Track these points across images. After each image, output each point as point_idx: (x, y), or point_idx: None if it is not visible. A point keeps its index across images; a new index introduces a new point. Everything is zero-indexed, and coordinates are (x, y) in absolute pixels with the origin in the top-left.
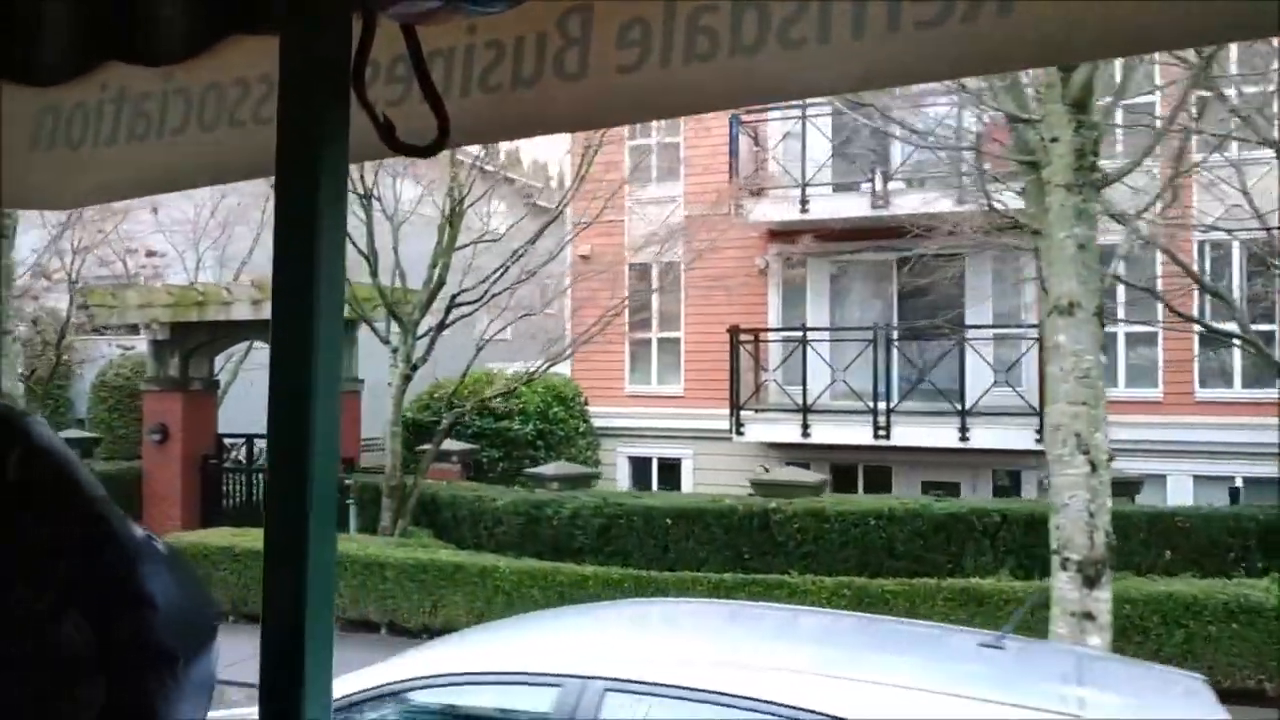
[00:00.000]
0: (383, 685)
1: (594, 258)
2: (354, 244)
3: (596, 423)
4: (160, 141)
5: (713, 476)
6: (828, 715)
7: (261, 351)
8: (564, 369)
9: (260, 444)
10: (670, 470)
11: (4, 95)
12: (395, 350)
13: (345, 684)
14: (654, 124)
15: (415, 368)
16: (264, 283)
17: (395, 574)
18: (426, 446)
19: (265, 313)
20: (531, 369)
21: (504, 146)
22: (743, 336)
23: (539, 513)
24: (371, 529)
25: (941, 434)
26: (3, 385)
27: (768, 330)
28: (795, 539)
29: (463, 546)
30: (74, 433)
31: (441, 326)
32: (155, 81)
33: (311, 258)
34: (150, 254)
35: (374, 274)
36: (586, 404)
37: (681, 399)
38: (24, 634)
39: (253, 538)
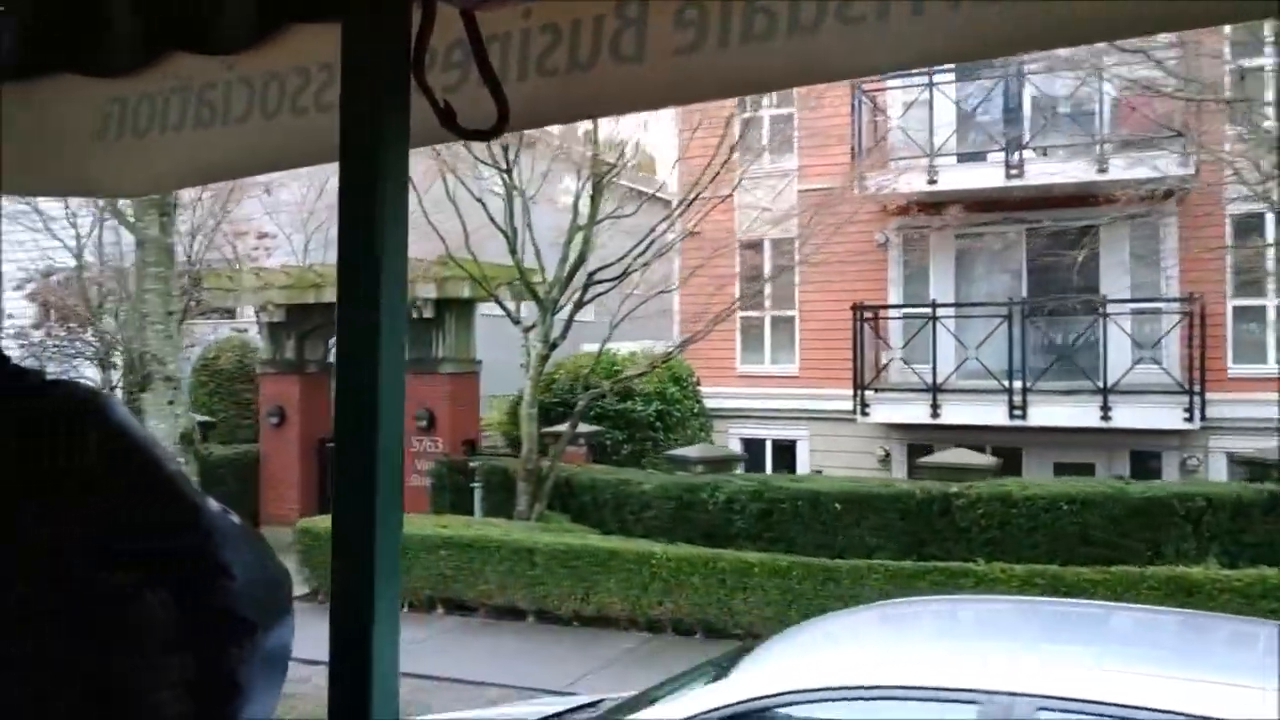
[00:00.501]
0: (737, 703)
1: (704, 235)
2: (492, 221)
3: (708, 404)
4: (224, 130)
5: (832, 459)
6: None
7: None
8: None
9: None
10: (785, 452)
11: (72, 87)
12: (527, 330)
13: (680, 706)
14: (766, 96)
15: (553, 347)
16: None
17: (544, 560)
18: (555, 429)
19: None
20: (632, 348)
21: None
22: (866, 314)
23: (692, 497)
24: (499, 513)
25: (1081, 413)
26: (171, 370)
27: (892, 307)
28: (979, 524)
29: (605, 531)
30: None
31: (580, 305)
32: (218, 71)
33: (375, 242)
34: (261, 236)
35: (513, 251)
36: (699, 384)
37: (796, 379)
38: (109, 611)
39: None
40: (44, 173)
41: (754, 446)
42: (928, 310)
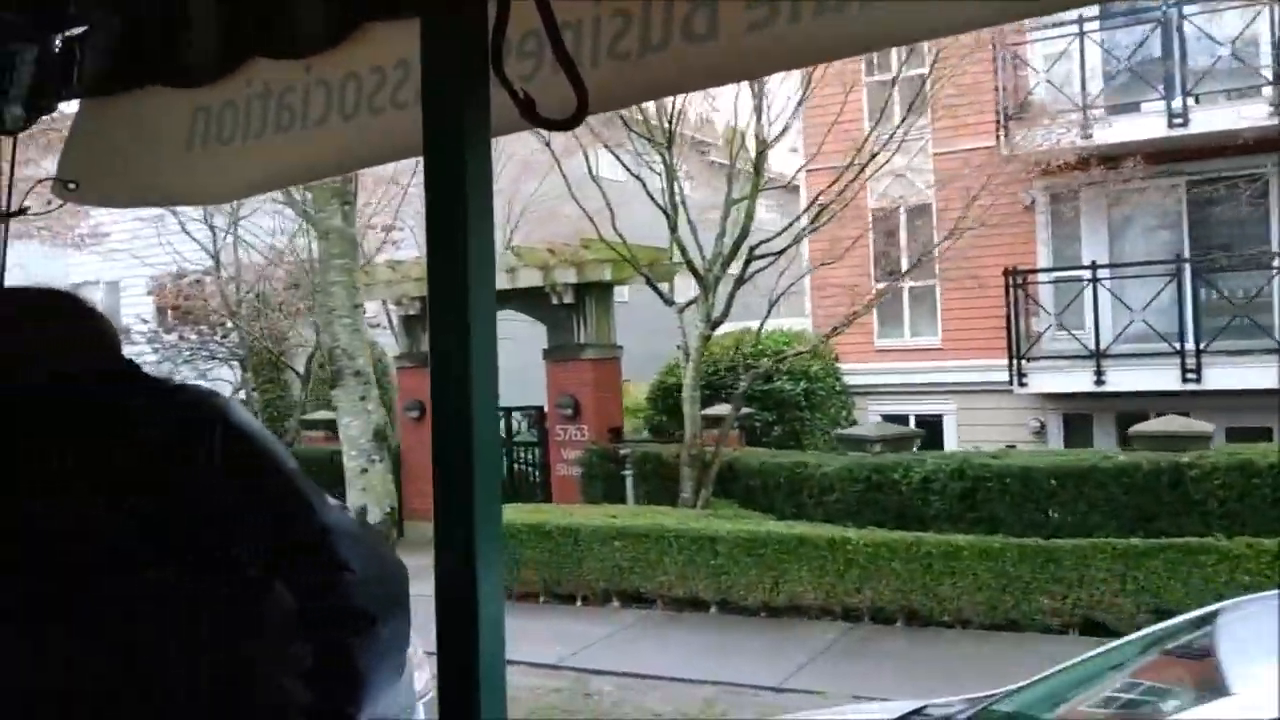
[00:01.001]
0: None
1: (833, 205)
2: (651, 198)
3: (846, 380)
4: (304, 132)
5: (982, 433)
6: None
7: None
8: (803, 324)
9: (517, 416)
10: (929, 427)
11: (158, 98)
12: (682, 310)
13: None
14: (895, 57)
15: (716, 325)
16: (523, 249)
17: (728, 548)
18: (705, 412)
19: (521, 281)
20: (774, 326)
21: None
22: (1019, 279)
23: (881, 478)
24: (654, 501)
25: (1259, 374)
26: (361, 364)
27: (1043, 271)
28: (1215, 497)
29: (780, 517)
30: (324, 414)
31: (741, 281)
32: (296, 74)
33: (462, 234)
34: (387, 229)
35: (673, 228)
36: (837, 360)
37: (939, 351)
38: (236, 604)
39: (544, 514)
40: (132, 183)
41: (896, 424)
42: (1085, 272)
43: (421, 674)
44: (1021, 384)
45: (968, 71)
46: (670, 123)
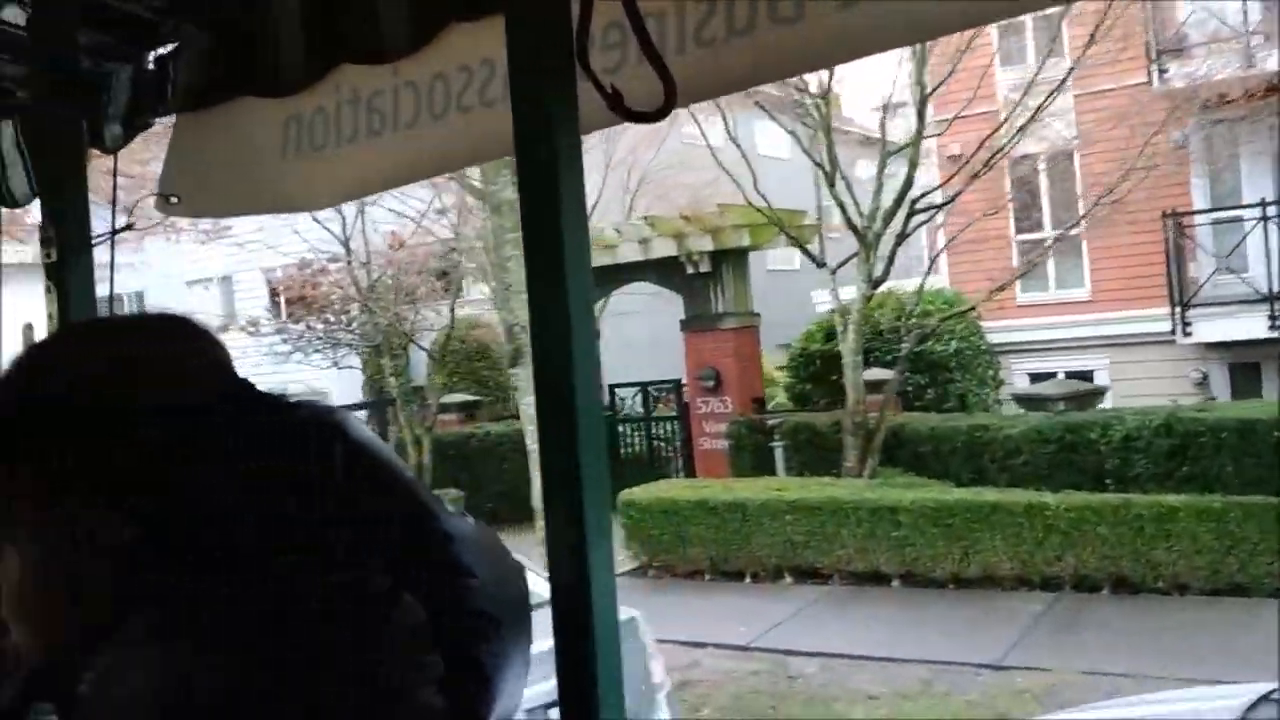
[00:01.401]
0: None
1: (965, 155)
2: (809, 157)
3: (989, 339)
4: (395, 135)
5: (1140, 387)
6: None
7: (620, 298)
8: (938, 280)
9: (653, 391)
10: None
11: (250, 109)
12: (834, 271)
13: None
14: None
15: (876, 285)
16: (656, 219)
17: (912, 519)
18: (868, 377)
19: (655, 251)
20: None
21: None
22: (1177, 222)
23: (1076, 438)
24: (810, 472)
25: None
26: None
27: (1201, 212)
28: None
29: (958, 483)
30: (459, 396)
31: (902, 237)
32: (385, 78)
33: (557, 229)
34: None
35: (831, 184)
36: (980, 319)
37: (1088, 304)
38: (367, 616)
39: (707, 489)
40: (230, 194)
41: (1044, 381)
42: (1252, 211)
43: (658, 664)
44: (1186, 333)
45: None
46: (829, 76)
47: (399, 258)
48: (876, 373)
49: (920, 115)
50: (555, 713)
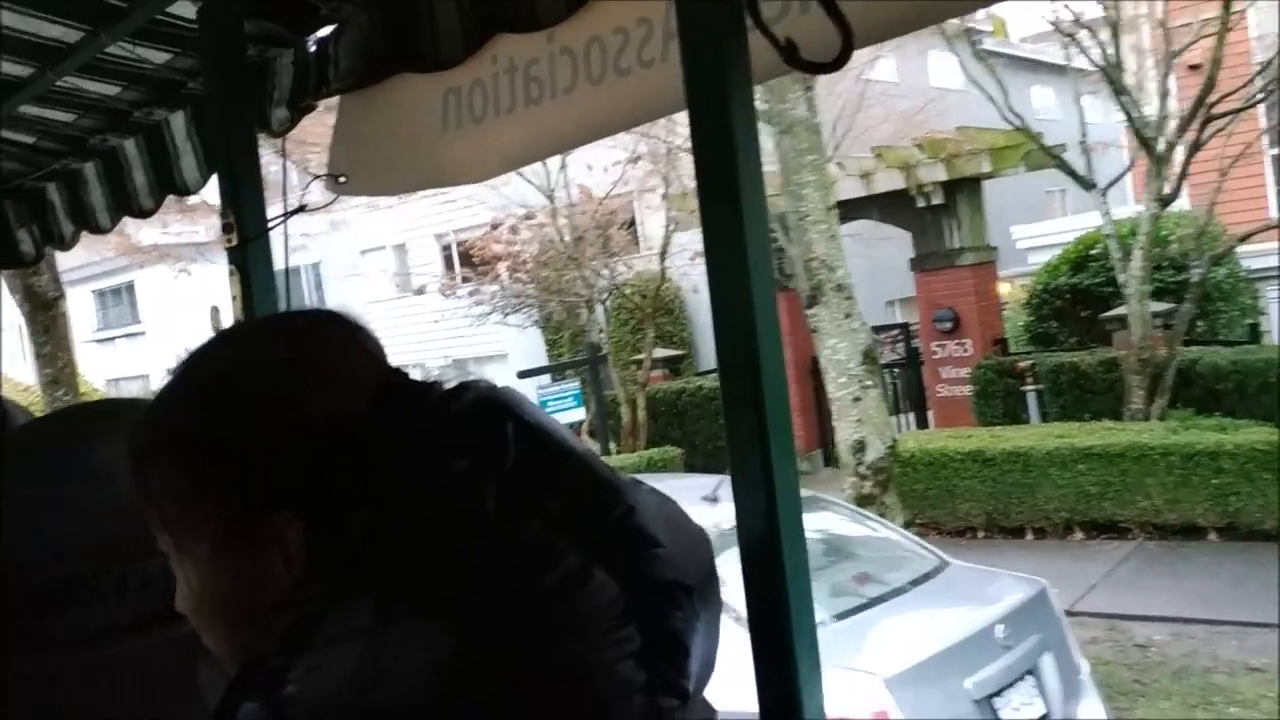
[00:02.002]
0: None
1: (1206, 66)
2: (1099, 68)
3: (1243, 264)
4: (554, 103)
5: None
6: None
7: None
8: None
9: (879, 338)
10: None
11: (409, 86)
12: (1104, 192)
13: None
14: None
15: (1165, 204)
16: (883, 149)
17: (1237, 465)
18: (1118, 312)
19: (879, 185)
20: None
21: None
22: None
23: None
24: (1070, 416)
25: None
26: (841, 276)
27: None
28: None
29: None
30: (662, 351)
31: (1195, 148)
32: (540, 46)
33: (734, 185)
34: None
35: (1120, 91)
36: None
37: None
38: (563, 597)
39: (977, 440)
40: (394, 170)
41: None
42: None
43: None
44: None
45: None
46: None
47: (591, 210)
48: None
49: (1226, 6)
50: (1001, 701)
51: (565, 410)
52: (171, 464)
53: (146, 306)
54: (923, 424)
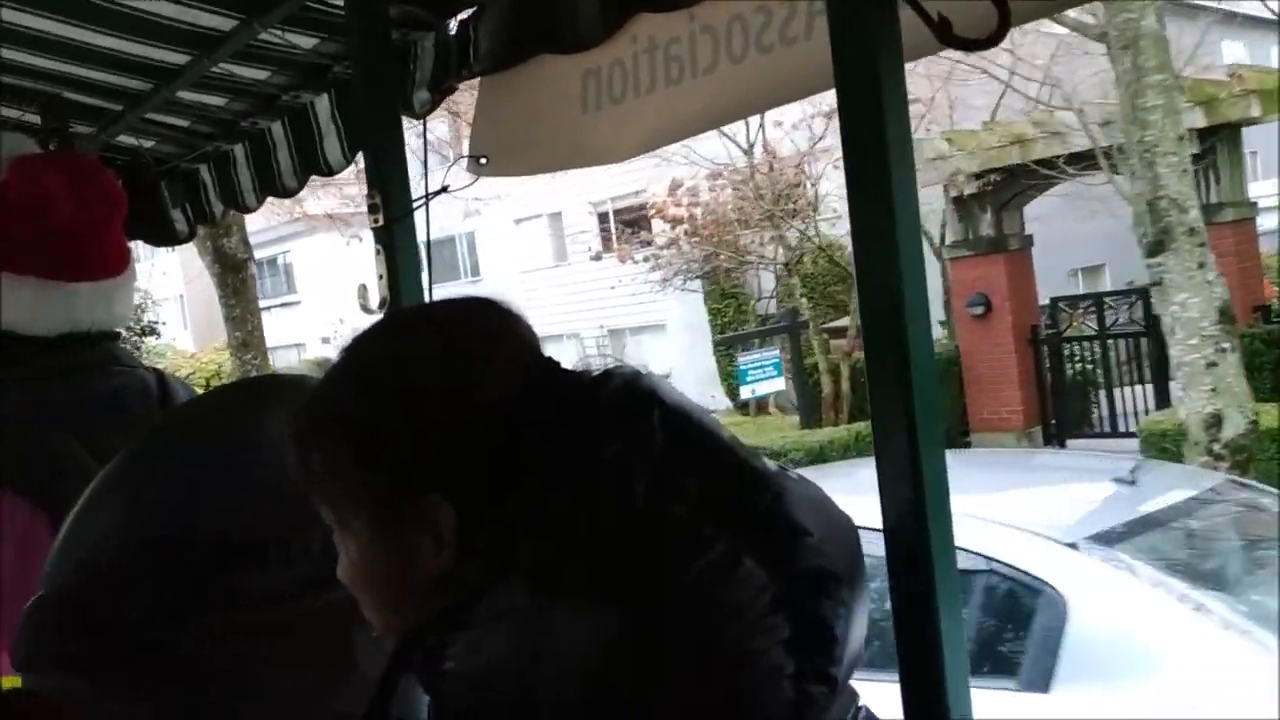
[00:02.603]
0: None
1: None
2: None
3: None
4: (695, 82)
5: None
6: None
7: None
8: None
9: (1110, 303)
10: None
11: (548, 67)
12: None
13: None
14: None
15: None
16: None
17: None
18: None
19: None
20: None
21: None
22: None
23: None
24: None
25: None
26: (1193, 219)
27: None
28: None
29: None
30: (837, 321)
31: None
32: (681, 25)
33: (884, 166)
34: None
35: None
36: None
37: None
38: (711, 584)
39: None
40: (534, 151)
41: None
42: None
43: None
44: None
45: None
46: None
47: (780, 169)
48: None
49: None
50: None
51: (765, 380)
52: (330, 444)
53: (303, 277)
54: (1164, 399)
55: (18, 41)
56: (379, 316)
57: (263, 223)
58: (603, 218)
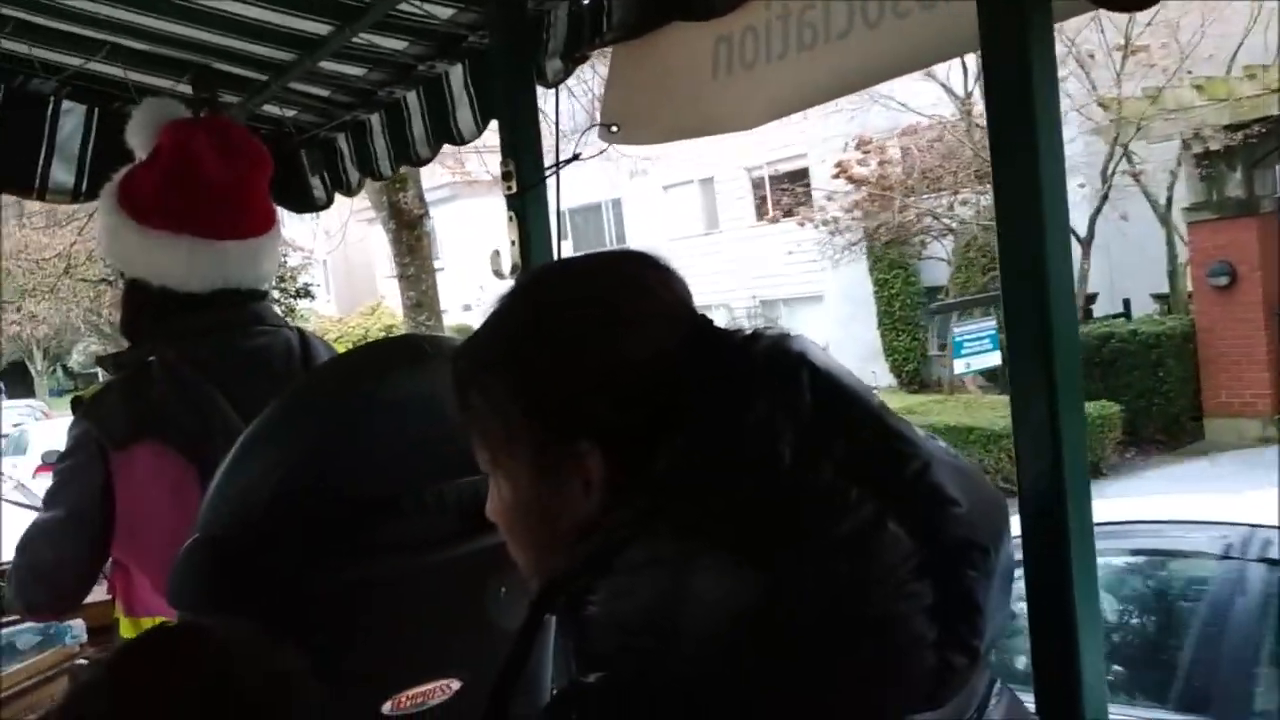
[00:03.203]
0: None
1: None
2: None
3: None
4: (828, 47)
5: None
6: None
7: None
8: None
9: None
10: None
11: (681, 34)
12: None
13: None
14: None
15: None
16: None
17: None
18: None
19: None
20: None
21: None
22: None
23: None
24: None
25: None
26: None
27: None
28: None
29: None
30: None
31: None
32: None
33: (1031, 131)
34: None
35: None
36: None
37: None
38: (856, 547)
39: None
40: (665, 119)
41: None
42: None
43: None
44: None
45: None
46: None
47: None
48: None
49: None
50: None
51: (981, 354)
52: (492, 385)
53: (446, 243)
54: None
55: (171, 13)
56: (511, 282)
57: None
58: (757, 183)
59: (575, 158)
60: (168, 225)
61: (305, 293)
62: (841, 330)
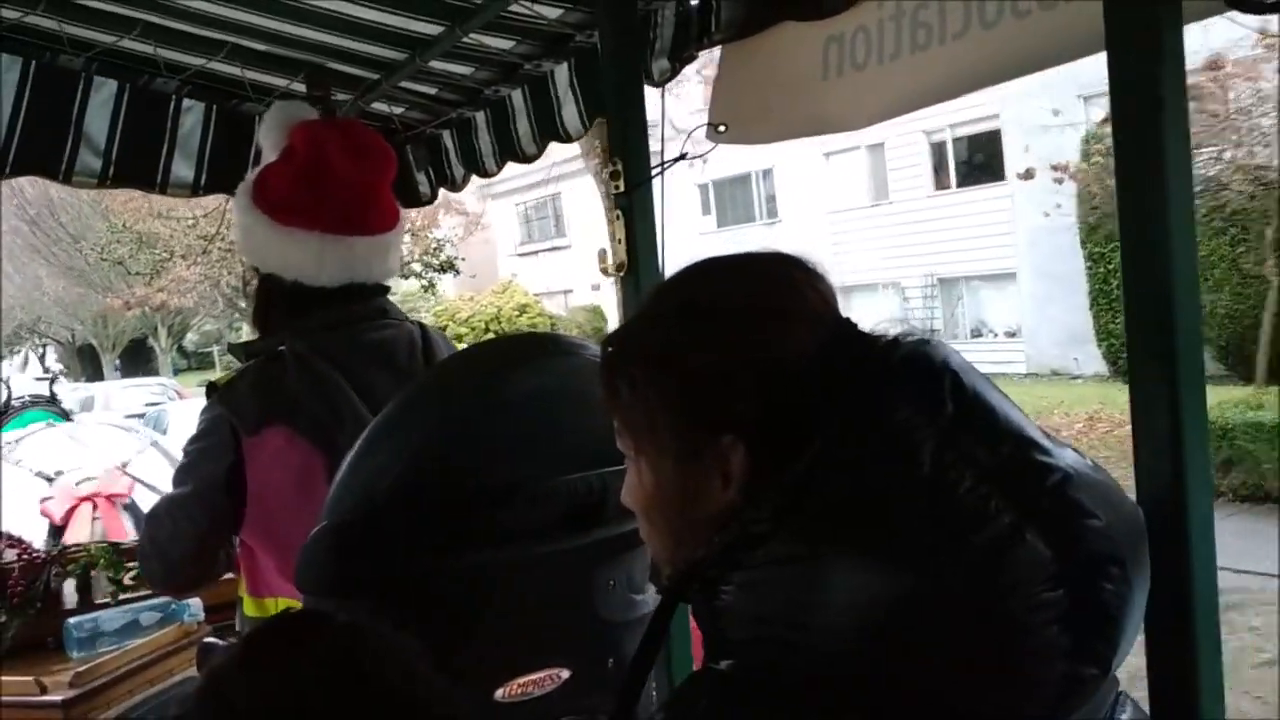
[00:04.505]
0: None
1: None
2: None
3: None
4: (942, 48)
5: None
6: None
7: None
8: None
9: None
10: None
11: (791, 34)
12: None
13: None
14: None
15: None
16: None
17: None
18: None
19: None
20: None
21: None
22: None
23: None
24: None
25: None
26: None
27: None
28: None
29: None
30: None
31: None
32: None
33: (1158, 132)
34: None
35: None
36: None
37: None
38: (992, 557)
39: None
40: (773, 119)
41: None
42: None
43: None
44: None
45: None
46: None
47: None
48: None
49: None
50: None
51: None
52: (638, 375)
53: (572, 221)
54: None
55: (287, 14)
56: (616, 280)
57: (537, 163)
58: (938, 148)
59: (682, 157)
60: (300, 222)
61: (450, 266)
62: (1037, 312)
